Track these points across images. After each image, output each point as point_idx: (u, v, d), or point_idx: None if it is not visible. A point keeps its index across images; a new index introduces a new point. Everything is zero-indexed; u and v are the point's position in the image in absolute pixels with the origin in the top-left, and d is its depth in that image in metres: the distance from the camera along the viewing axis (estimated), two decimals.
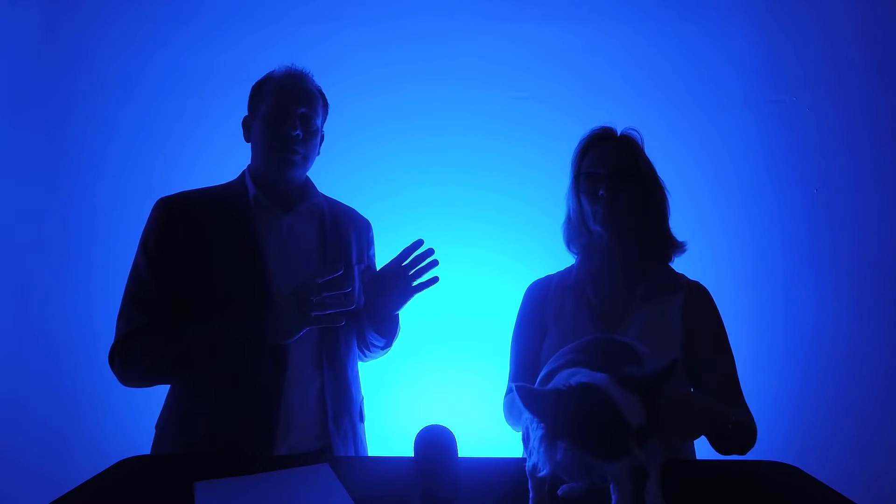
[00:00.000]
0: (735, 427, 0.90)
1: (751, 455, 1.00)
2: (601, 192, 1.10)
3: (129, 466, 0.95)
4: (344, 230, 1.31)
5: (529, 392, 0.62)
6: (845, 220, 1.98)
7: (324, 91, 1.30)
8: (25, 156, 2.08)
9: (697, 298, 1.13)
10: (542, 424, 0.63)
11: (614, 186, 1.10)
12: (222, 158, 1.49)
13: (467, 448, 0.84)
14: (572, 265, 1.25)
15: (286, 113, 1.19)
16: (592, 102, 1.99)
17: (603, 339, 0.83)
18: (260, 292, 1.14)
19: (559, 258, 1.28)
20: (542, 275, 1.29)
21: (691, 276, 1.18)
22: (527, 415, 0.64)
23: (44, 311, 2.06)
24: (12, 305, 2.06)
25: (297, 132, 1.19)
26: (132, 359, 1.10)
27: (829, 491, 0.86)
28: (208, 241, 1.16)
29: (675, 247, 1.17)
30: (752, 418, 1.03)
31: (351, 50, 2.05)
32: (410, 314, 1.88)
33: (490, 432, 1.62)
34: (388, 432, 1.89)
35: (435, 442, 0.80)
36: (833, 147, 2.00)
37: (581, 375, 0.64)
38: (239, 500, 0.80)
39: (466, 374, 1.99)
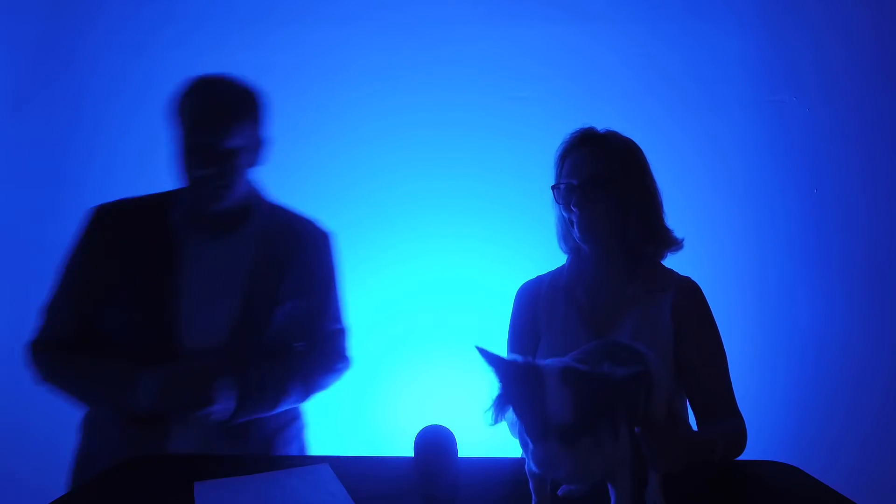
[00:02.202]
0: (721, 458, 0.91)
1: (751, 455, 0.99)
2: (572, 206, 1.09)
3: (129, 466, 0.95)
4: (277, 262, 1.17)
5: (488, 355, 0.66)
6: (849, 220, 1.97)
7: (253, 88, 1.15)
8: (16, 155, 2.07)
9: (688, 297, 1.11)
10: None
11: (585, 198, 1.08)
12: None
13: (467, 448, 0.84)
14: (564, 265, 1.23)
15: (191, 150, 1.07)
16: (596, 100, 1.98)
17: (605, 343, 0.82)
18: (161, 331, 1.07)
19: (561, 256, 1.26)
20: (543, 272, 1.27)
21: (693, 276, 1.16)
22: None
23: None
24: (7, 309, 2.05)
25: (205, 171, 1.06)
26: (37, 372, 1.12)
27: (828, 490, 0.86)
28: (125, 262, 1.09)
29: (669, 245, 1.14)
30: (743, 423, 1.02)
31: (349, 49, 2.04)
32: (411, 313, 1.87)
33: (490, 432, 1.62)
34: (388, 432, 1.89)
35: (435, 442, 0.80)
36: (836, 147, 1.99)
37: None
38: (239, 500, 0.80)
39: (466, 373, 1.99)
